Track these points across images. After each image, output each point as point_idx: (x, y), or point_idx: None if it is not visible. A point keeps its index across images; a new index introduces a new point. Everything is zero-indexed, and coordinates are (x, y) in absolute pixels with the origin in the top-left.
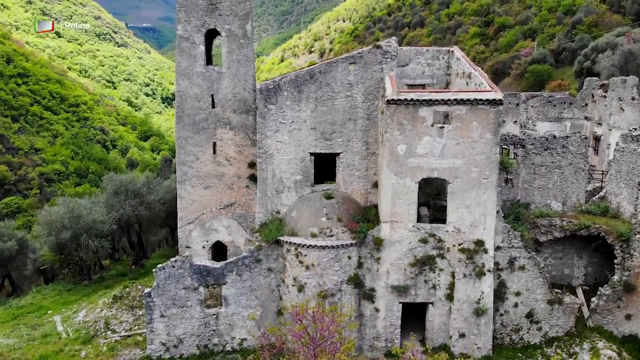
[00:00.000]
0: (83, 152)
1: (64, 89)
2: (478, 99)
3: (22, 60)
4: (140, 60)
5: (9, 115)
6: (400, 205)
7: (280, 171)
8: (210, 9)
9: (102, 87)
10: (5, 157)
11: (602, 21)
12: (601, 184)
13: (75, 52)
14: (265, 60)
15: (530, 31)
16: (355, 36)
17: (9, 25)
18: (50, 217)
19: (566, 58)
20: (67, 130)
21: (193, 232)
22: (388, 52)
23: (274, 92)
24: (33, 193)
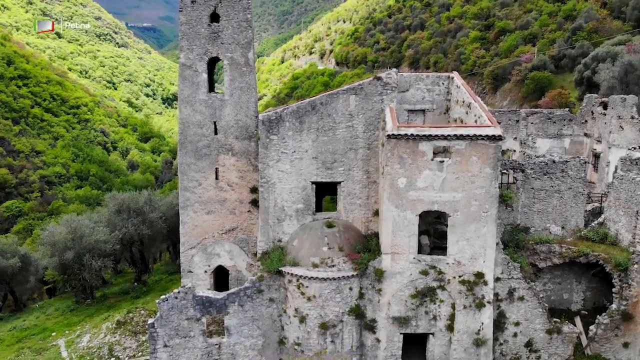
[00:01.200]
0: (84, 155)
1: (64, 91)
2: (477, 134)
3: (23, 62)
4: (141, 61)
5: (9, 117)
6: (401, 237)
7: (282, 200)
8: (212, 38)
9: (103, 87)
10: (6, 160)
11: (603, 27)
12: (600, 205)
13: (76, 52)
14: (266, 61)
15: (531, 36)
16: (356, 38)
17: (9, 26)
18: (53, 238)
19: (566, 65)
20: (67, 132)
21: (195, 256)
22: (388, 84)
23: (275, 122)
24: (34, 196)
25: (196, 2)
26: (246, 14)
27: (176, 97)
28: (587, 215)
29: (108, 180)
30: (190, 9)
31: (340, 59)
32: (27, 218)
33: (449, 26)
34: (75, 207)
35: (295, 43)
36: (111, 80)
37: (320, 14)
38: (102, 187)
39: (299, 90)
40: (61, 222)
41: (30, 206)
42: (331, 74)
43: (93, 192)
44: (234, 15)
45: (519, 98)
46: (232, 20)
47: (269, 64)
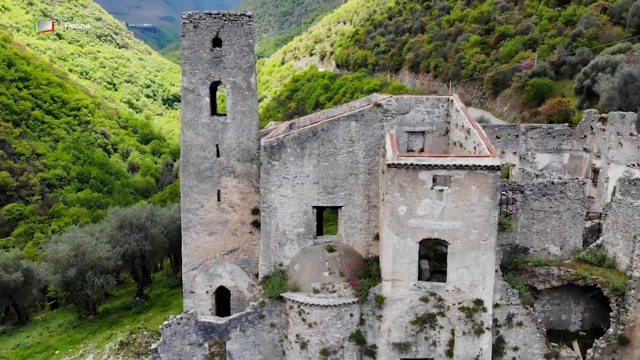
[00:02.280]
0: (84, 157)
1: (65, 93)
2: (476, 164)
3: (24, 64)
4: (141, 62)
5: (10, 120)
6: (402, 264)
7: (283, 224)
8: (215, 62)
9: (103, 89)
10: (7, 163)
11: (603, 33)
12: (599, 222)
13: (76, 53)
14: (266, 62)
15: (531, 41)
16: (356, 40)
17: (9, 27)
18: (56, 255)
19: (566, 72)
20: (68, 134)
21: (197, 277)
22: (388, 111)
23: (277, 149)
24: (35, 199)
25: (199, 27)
26: (248, 39)
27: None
28: (586, 233)
29: (109, 183)
30: (192, 34)
31: (341, 62)
32: (27, 221)
33: (449, 29)
34: (75, 210)
35: (296, 44)
36: (112, 82)
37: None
38: (103, 190)
39: (300, 92)
40: (64, 238)
41: (31, 209)
42: (331, 76)
43: (94, 194)
44: (236, 40)
45: (519, 104)
46: (234, 45)
47: (269, 66)
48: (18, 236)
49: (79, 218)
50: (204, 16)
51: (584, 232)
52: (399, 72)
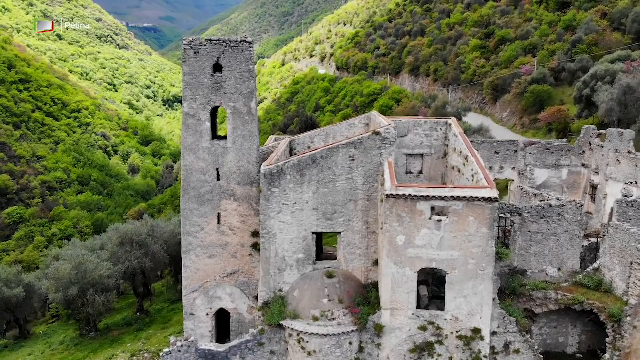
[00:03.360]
0: (85, 159)
1: (65, 95)
2: (474, 196)
3: (24, 65)
4: (142, 63)
5: (10, 122)
6: (400, 293)
7: (283, 250)
8: (215, 88)
9: (104, 90)
10: (7, 166)
11: (603, 40)
12: (597, 241)
13: (77, 54)
14: (266, 63)
15: (531, 47)
16: (357, 43)
17: (10, 29)
18: (58, 273)
19: (566, 79)
20: (68, 136)
21: (197, 300)
22: (387, 139)
23: (277, 176)
24: (35, 202)
25: (199, 53)
26: (249, 64)
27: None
28: (584, 251)
29: (109, 186)
30: (193, 60)
31: (341, 64)
32: (28, 225)
33: (449, 33)
34: (76, 213)
35: (296, 46)
36: (112, 83)
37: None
38: (103, 193)
39: (300, 95)
40: (66, 256)
41: (32, 213)
42: (332, 79)
43: (94, 197)
44: (236, 66)
45: (519, 110)
46: (235, 71)
47: (269, 67)
48: (18, 240)
49: (79, 221)
50: (204, 42)
51: (582, 250)
52: (399, 76)
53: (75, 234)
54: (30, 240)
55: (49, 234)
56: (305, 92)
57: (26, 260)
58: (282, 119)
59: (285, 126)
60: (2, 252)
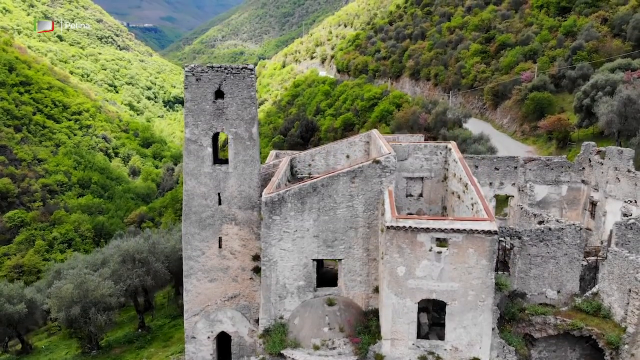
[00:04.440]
0: (85, 162)
1: (66, 97)
2: (474, 229)
3: (25, 68)
4: (142, 64)
5: (11, 125)
6: (401, 324)
7: (283, 277)
8: (217, 114)
9: (104, 91)
10: (8, 169)
11: (603, 47)
12: (596, 260)
13: (77, 55)
14: (267, 65)
15: (531, 52)
16: (357, 45)
17: (11, 30)
18: (60, 293)
19: (566, 86)
20: (69, 139)
21: (198, 323)
22: (387, 167)
23: (278, 204)
24: (36, 206)
25: (201, 80)
26: (250, 91)
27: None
28: (583, 270)
29: (110, 188)
30: (195, 86)
31: (342, 67)
32: (29, 228)
33: (449, 37)
34: (76, 216)
35: (297, 47)
36: (112, 84)
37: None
38: (104, 195)
39: (300, 98)
40: (67, 275)
41: (33, 216)
42: (332, 82)
43: (95, 200)
44: (238, 93)
45: (519, 117)
46: (237, 98)
47: (270, 68)
48: (19, 244)
49: (80, 225)
50: (206, 69)
51: (582, 269)
52: (400, 79)
53: (76, 237)
54: (31, 244)
55: (50, 238)
56: (306, 95)
57: (27, 265)
58: (282, 122)
59: (285, 129)
60: (3, 256)
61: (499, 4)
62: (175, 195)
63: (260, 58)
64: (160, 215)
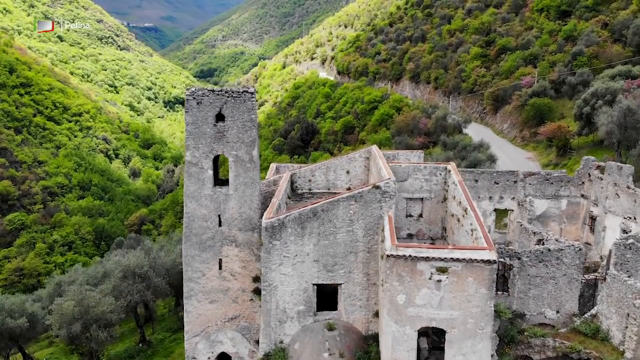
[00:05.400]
0: (86, 164)
1: (66, 98)
2: (473, 258)
3: (25, 69)
4: (142, 64)
5: (11, 127)
6: (400, 351)
7: (283, 302)
8: (218, 137)
9: (105, 91)
10: (8, 172)
11: (603, 52)
12: (596, 278)
13: (78, 56)
14: (267, 65)
15: (531, 57)
16: (357, 47)
17: (11, 30)
18: (62, 310)
19: (566, 92)
20: (70, 140)
21: (199, 344)
22: (386, 192)
23: (278, 229)
24: (36, 208)
25: (202, 103)
26: (251, 114)
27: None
28: (583, 287)
29: (110, 190)
30: (196, 110)
31: (342, 69)
32: (29, 231)
33: (450, 40)
34: (77, 219)
35: (297, 48)
36: (113, 84)
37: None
38: (104, 197)
39: (301, 100)
40: (69, 294)
41: (33, 219)
42: (333, 85)
43: (95, 202)
44: (239, 116)
45: (519, 122)
46: (237, 121)
47: (270, 69)
48: (20, 246)
49: (80, 228)
50: (207, 93)
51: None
52: (400, 82)
53: (76, 240)
54: (31, 247)
55: (50, 241)
56: (306, 97)
57: (27, 268)
58: (282, 124)
59: (286, 132)
60: (4, 259)
61: (499, 7)
62: (175, 198)
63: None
64: (160, 218)
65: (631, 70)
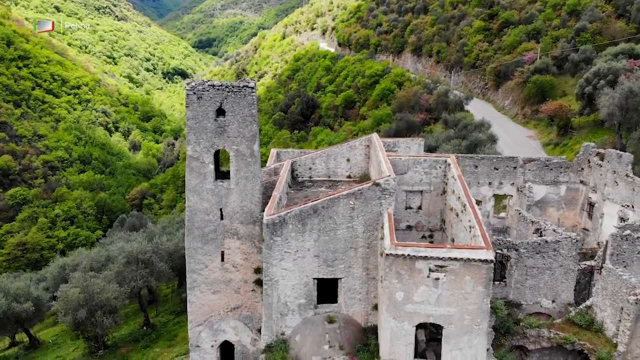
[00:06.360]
0: (86, 137)
1: (65, 70)
2: (471, 258)
3: (23, 41)
4: (141, 34)
5: (10, 100)
6: (399, 345)
7: (285, 296)
8: (218, 132)
9: (103, 63)
10: (9, 146)
11: (607, 28)
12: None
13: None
14: (267, 35)
15: (534, 32)
16: (358, 18)
17: (7, 1)
18: (67, 297)
19: (569, 69)
20: (69, 113)
21: (202, 333)
22: (386, 189)
23: (279, 225)
24: (37, 183)
25: (202, 98)
26: (251, 109)
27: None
28: (579, 275)
29: (111, 164)
30: (196, 105)
31: (343, 40)
32: (31, 206)
33: (452, 12)
34: (78, 193)
35: (297, 18)
36: (111, 55)
37: None
38: (105, 171)
39: (301, 72)
40: (73, 281)
41: (35, 193)
42: (333, 57)
43: (96, 176)
44: (239, 111)
45: (521, 99)
46: (238, 115)
47: (270, 40)
48: (22, 221)
49: (82, 202)
50: (207, 88)
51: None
52: (401, 55)
53: (78, 215)
54: (33, 221)
55: (52, 215)
56: (306, 70)
57: (30, 242)
58: (283, 97)
59: (286, 106)
60: (6, 233)
61: None
62: (176, 172)
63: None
64: (162, 192)
65: (634, 48)
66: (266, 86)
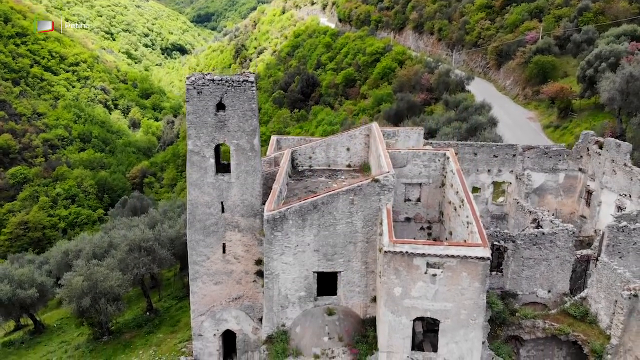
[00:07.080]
0: (85, 115)
1: (63, 47)
2: (467, 255)
3: (20, 18)
4: (139, 9)
5: (9, 78)
6: (396, 338)
7: (285, 289)
8: (219, 126)
9: (101, 39)
10: (8, 124)
11: (609, 8)
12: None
13: (72, 2)
14: (266, 10)
15: (537, 10)
16: None
17: None
18: (71, 285)
19: (571, 50)
20: (68, 91)
21: (205, 322)
22: (385, 186)
23: (280, 221)
24: (38, 161)
25: (202, 93)
26: (251, 103)
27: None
28: (575, 263)
29: (110, 142)
30: (196, 99)
31: (343, 16)
32: (32, 184)
33: None
34: (79, 172)
35: None
36: (109, 31)
37: None
38: (105, 150)
39: (301, 49)
40: (77, 269)
41: (35, 172)
42: (333, 33)
43: (96, 155)
44: (239, 106)
45: (522, 79)
46: (238, 110)
47: (269, 15)
48: (23, 200)
49: (82, 181)
50: (207, 82)
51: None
52: (403, 32)
53: (79, 193)
54: (35, 200)
55: (54, 194)
56: (306, 47)
57: (32, 221)
58: (282, 75)
59: (286, 84)
60: (8, 212)
61: None
62: (176, 150)
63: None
64: (162, 170)
65: (637, 29)
66: (266, 63)
